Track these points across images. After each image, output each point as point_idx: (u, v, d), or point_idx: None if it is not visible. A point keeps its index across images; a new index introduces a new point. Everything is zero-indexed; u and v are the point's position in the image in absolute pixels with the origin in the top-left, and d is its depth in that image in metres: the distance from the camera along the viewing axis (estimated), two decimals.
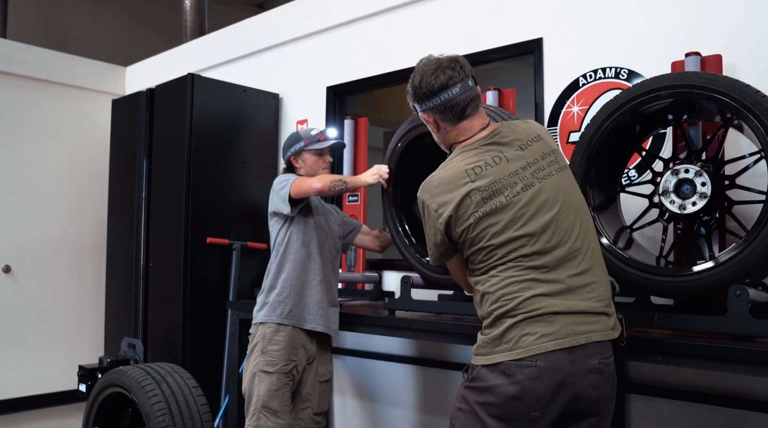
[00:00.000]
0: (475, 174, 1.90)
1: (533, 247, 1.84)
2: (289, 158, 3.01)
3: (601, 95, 2.97)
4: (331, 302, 2.94)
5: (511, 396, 1.78)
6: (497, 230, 1.86)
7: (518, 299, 1.82)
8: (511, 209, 1.86)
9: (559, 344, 1.76)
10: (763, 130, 2.04)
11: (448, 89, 1.97)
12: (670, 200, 2.29)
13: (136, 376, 3.01)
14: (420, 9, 3.73)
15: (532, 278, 1.83)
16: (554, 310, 1.79)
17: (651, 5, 2.87)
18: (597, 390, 1.81)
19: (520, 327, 1.80)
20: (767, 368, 1.85)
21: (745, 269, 2.00)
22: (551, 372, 1.76)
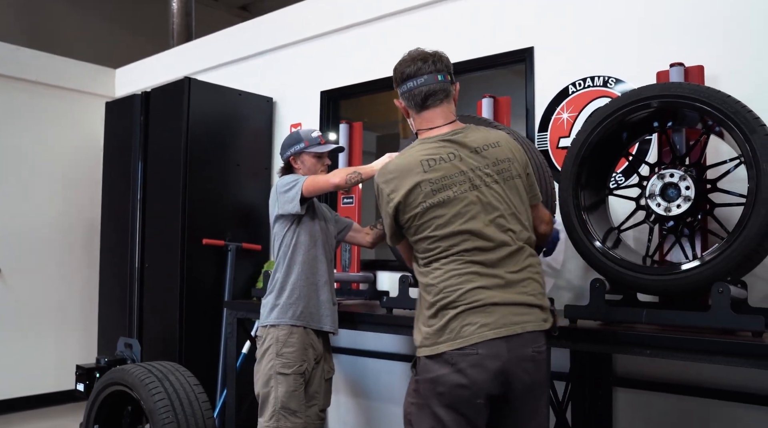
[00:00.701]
0: (429, 166, 2.01)
1: (475, 243, 1.95)
2: (289, 157, 3.04)
3: (590, 103, 3.11)
4: (334, 301, 3.03)
5: (456, 384, 1.88)
6: (442, 223, 1.97)
7: (460, 291, 1.92)
8: (457, 205, 1.97)
9: (498, 333, 1.87)
10: (743, 137, 2.18)
11: (413, 79, 2.10)
12: (657, 203, 2.42)
13: (139, 374, 3.07)
14: (415, 17, 3.85)
15: (473, 271, 1.94)
16: (493, 301, 1.90)
17: (637, 17, 3.02)
18: (530, 375, 1.92)
19: (461, 317, 1.90)
20: (747, 359, 1.99)
21: (727, 268, 2.14)
22: (491, 359, 1.86)
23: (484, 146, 2.05)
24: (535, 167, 2.69)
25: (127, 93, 5.75)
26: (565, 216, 2.55)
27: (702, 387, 2.73)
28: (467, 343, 1.87)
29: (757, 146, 2.14)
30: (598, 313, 2.38)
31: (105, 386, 3.22)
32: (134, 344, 3.84)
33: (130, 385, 3.08)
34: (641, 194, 2.50)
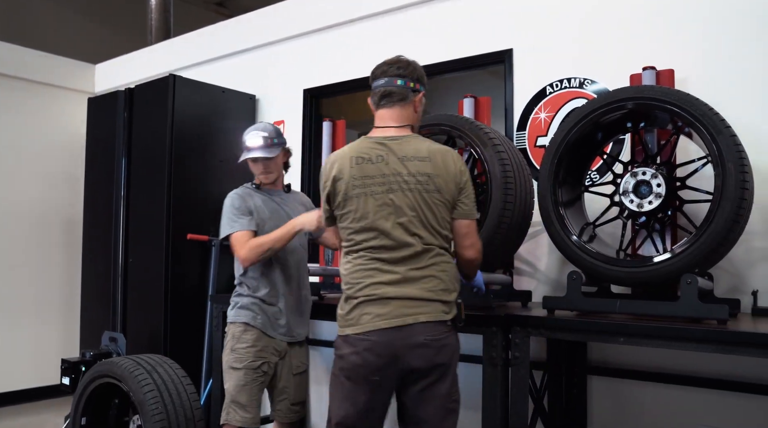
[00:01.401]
0: (356, 163, 2.21)
1: (382, 241, 2.17)
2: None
3: (567, 103, 3.25)
4: (298, 309, 2.97)
5: (355, 363, 2.15)
6: (356, 217, 2.19)
7: (361, 285, 2.17)
8: (371, 204, 2.17)
9: (390, 323, 2.13)
10: (710, 138, 2.33)
11: (378, 79, 2.32)
12: (630, 200, 2.56)
13: (128, 366, 3.12)
14: (397, 18, 3.95)
15: (375, 267, 2.17)
16: (388, 296, 2.14)
17: (612, 22, 3.16)
18: (425, 360, 2.14)
19: (360, 307, 2.16)
20: (714, 345, 2.13)
21: (695, 261, 2.28)
22: (383, 345, 2.12)
23: (411, 157, 2.21)
24: (515, 166, 2.83)
25: (107, 89, 5.76)
26: (544, 211, 2.68)
27: (671, 374, 2.88)
28: (363, 330, 2.15)
29: (722, 146, 2.28)
30: (574, 304, 2.51)
31: (93, 378, 3.27)
32: (119, 338, 3.88)
33: (119, 377, 3.13)
34: (615, 191, 2.63)
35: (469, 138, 2.86)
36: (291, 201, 3.08)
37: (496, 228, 2.75)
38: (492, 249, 2.82)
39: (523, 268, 3.35)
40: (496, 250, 2.87)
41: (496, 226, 2.75)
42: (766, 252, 2.71)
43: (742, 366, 2.71)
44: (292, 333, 2.96)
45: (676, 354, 2.86)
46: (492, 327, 2.56)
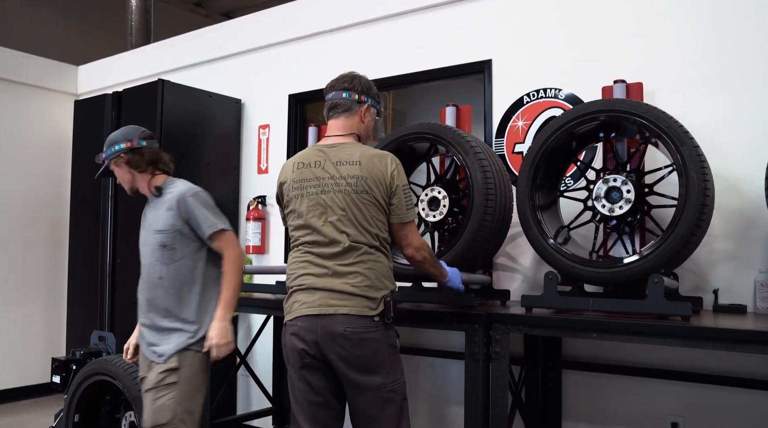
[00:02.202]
0: (297, 168, 2.46)
1: (314, 237, 2.39)
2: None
3: (543, 112, 3.43)
4: (148, 328, 2.72)
5: (287, 346, 2.40)
6: (295, 216, 2.44)
7: (294, 276, 2.42)
8: (306, 203, 2.41)
9: (312, 311, 2.33)
10: (675, 148, 2.52)
11: (327, 93, 2.55)
12: (602, 204, 2.74)
13: (122, 364, 3.22)
14: (380, 27, 4.10)
15: (308, 261, 2.39)
16: (315, 286, 2.35)
17: (585, 36, 3.35)
18: (346, 350, 2.29)
19: (293, 296, 2.40)
20: (678, 339, 2.32)
21: (661, 262, 2.47)
22: (306, 331, 2.33)
23: (344, 161, 2.40)
24: (495, 172, 2.99)
25: (90, 91, 5.82)
26: (522, 216, 2.85)
27: (638, 367, 3.08)
28: (293, 316, 2.38)
29: (686, 156, 2.48)
30: (551, 302, 2.68)
31: (87, 376, 3.35)
32: (109, 337, 3.96)
33: (113, 375, 3.22)
34: (588, 196, 2.82)
35: (452, 146, 3.02)
36: (156, 207, 2.84)
37: (477, 231, 2.91)
38: (474, 251, 2.99)
39: (501, 268, 3.53)
40: (478, 252, 3.03)
41: (477, 229, 2.91)
42: (726, 254, 2.92)
43: (704, 359, 2.91)
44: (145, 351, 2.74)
45: (643, 349, 3.06)
46: (474, 325, 2.72)
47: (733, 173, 2.87)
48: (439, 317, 2.84)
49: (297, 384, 2.41)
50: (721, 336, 2.24)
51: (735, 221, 2.89)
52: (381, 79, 4.01)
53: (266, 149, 4.59)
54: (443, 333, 3.67)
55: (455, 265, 2.94)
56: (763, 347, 2.17)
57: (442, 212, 3.19)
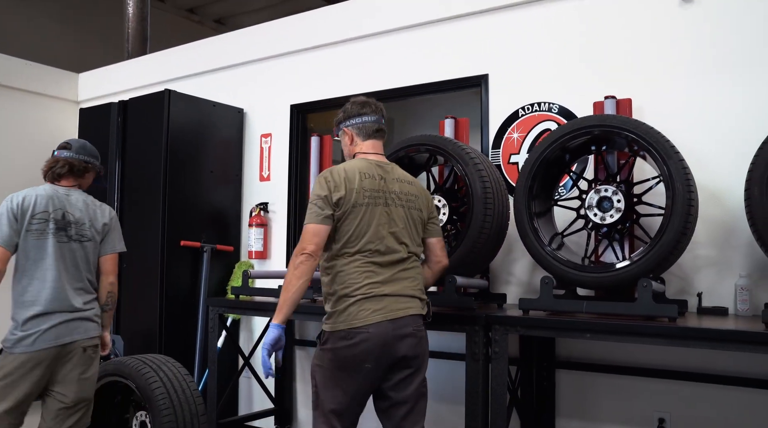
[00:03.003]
0: (365, 177, 2.60)
1: (377, 246, 2.55)
2: (88, 164, 3.23)
3: (537, 125, 3.61)
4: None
5: (350, 354, 2.48)
6: (358, 222, 2.54)
7: (357, 284, 2.50)
8: (373, 213, 2.57)
9: (385, 316, 2.50)
10: (662, 161, 2.71)
11: (367, 115, 2.75)
12: (594, 213, 2.93)
13: (135, 365, 3.35)
14: (382, 41, 4.26)
15: (370, 270, 2.53)
16: (383, 293, 2.52)
17: (578, 52, 3.54)
18: (410, 348, 2.54)
19: (357, 304, 2.49)
20: (666, 339, 2.51)
21: (649, 267, 2.66)
22: (378, 335, 2.47)
23: (401, 179, 2.71)
24: (493, 182, 3.17)
25: (90, 98, 5.93)
26: (519, 223, 3.03)
27: (628, 366, 3.26)
28: (362, 323, 2.48)
29: (672, 169, 2.66)
30: (547, 305, 2.86)
31: (101, 377, 3.46)
32: (117, 339, 4.07)
33: (126, 375, 3.35)
34: (581, 205, 3.00)
35: (452, 157, 3.20)
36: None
37: (476, 238, 3.09)
38: (473, 257, 3.16)
39: (497, 273, 3.70)
40: (477, 258, 3.21)
41: (476, 236, 3.08)
42: (709, 260, 3.12)
43: (690, 357, 3.10)
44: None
45: (632, 349, 3.25)
46: (474, 326, 2.89)
47: (716, 185, 3.06)
48: (442, 318, 3.00)
49: (353, 386, 2.52)
50: (704, 336, 2.43)
51: (717, 230, 3.08)
52: (382, 92, 4.21)
53: (268, 158, 4.74)
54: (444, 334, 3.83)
55: (456, 270, 3.12)
56: (743, 345, 2.36)
57: (442, 219, 3.36)
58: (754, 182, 2.51)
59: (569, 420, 3.45)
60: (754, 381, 2.95)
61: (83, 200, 3.14)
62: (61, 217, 3.02)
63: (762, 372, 2.94)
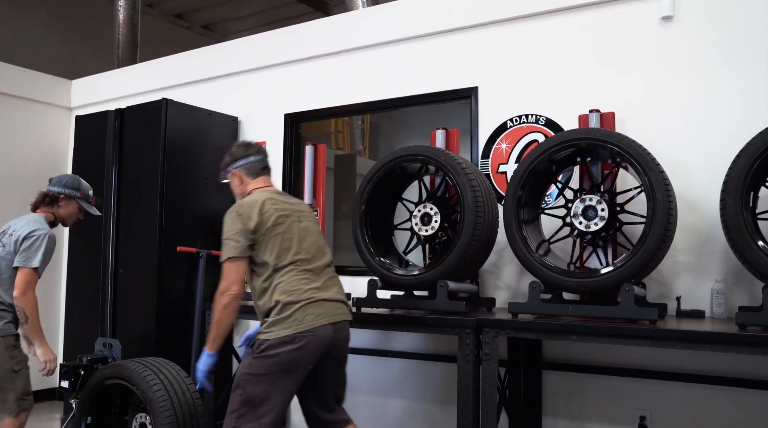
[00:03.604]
0: (274, 203, 2.87)
1: (305, 256, 2.83)
2: (60, 195, 3.54)
3: (525, 136, 3.77)
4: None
5: (296, 356, 2.69)
6: (285, 239, 2.80)
7: (300, 291, 2.74)
8: (296, 228, 2.86)
9: (329, 320, 2.77)
10: (643, 172, 2.87)
11: (253, 155, 3.06)
12: (579, 221, 3.08)
13: (136, 368, 3.43)
14: (375, 53, 4.41)
15: (306, 277, 2.80)
16: (323, 298, 2.78)
17: (563, 67, 3.71)
18: (346, 347, 2.91)
19: (302, 309, 2.71)
20: (647, 341, 2.67)
21: (632, 272, 2.82)
22: (323, 337, 2.74)
23: (296, 202, 3.05)
24: (483, 191, 3.32)
25: (83, 104, 6.01)
26: (509, 231, 3.17)
27: (611, 367, 3.43)
28: (308, 327, 2.71)
29: (653, 180, 2.83)
30: (535, 308, 3.02)
31: (102, 380, 3.55)
32: (114, 343, 4.14)
33: (128, 378, 3.43)
34: (567, 214, 3.16)
35: (444, 167, 3.35)
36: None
37: (468, 245, 3.23)
38: (464, 263, 3.31)
39: (486, 278, 3.85)
40: (468, 264, 3.36)
41: (468, 243, 3.23)
42: (688, 265, 3.29)
43: (670, 358, 3.27)
44: None
45: (614, 350, 3.41)
46: (466, 329, 3.03)
47: (693, 195, 3.24)
48: (435, 322, 3.14)
49: (291, 386, 2.76)
50: (683, 337, 2.60)
51: (695, 237, 3.26)
52: (375, 102, 4.36)
53: None
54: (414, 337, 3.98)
55: (448, 276, 3.27)
56: (718, 346, 2.53)
57: (434, 226, 3.50)
58: (728, 193, 2.68)
59: (555, 419, 3.60)
60: (730, 380, 3.13)
61: (26, 218, 3.47)
62: (1, 232, 3.46)
63: (737, 372, 3.11)
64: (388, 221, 3.81)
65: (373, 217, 3.67)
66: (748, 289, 3.11)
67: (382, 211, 3.76)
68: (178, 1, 10.92)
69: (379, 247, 3.66)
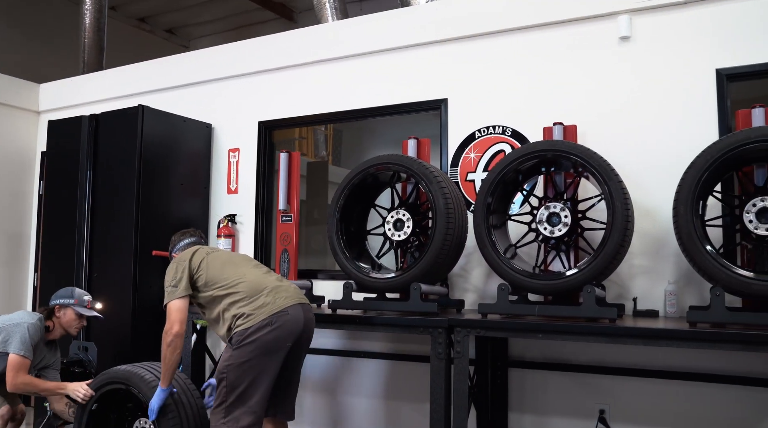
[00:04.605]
0: (203, 252, 3.35)
1: (250, 269, 3.30)
2: (55, 306, 3.86)
3: (492, 146, 3.98)
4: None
5: (275, 336, 3.01)
6: (220, 266, 3.25)
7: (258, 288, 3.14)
8: (227, 259, 3.35)
9: (296, 300, 3.17)
10: (603, 181, 3.10)
11: (188, 237, 3.62)
12: (544, 227, 3.29)
13: (139, 373, 3.43)
14: (348, 64, 4.57)
15: (264, 273, 3.32)
16: (283, 287, 3.20)
17: (529, 82, 3.93)
18: (311, 332, 3.26)
19: (269, 295, 3.09)
20: (607, 338, 2.89)
21: (594, 274, 3.04)
22: (296, 316, 3.10)
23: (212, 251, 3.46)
24: (454, 199, 3.50)
25: (52, 108, 6.01)
26: (479, 236, 3.36)
27: (572, 364, 3.65)
28: (280, 307, 3.06)
29: (612, 189, 3.06)
30: (504, 309, 3.21)
31: (103, 384, 3.54)
32: (90, 347, 4.18)
33: (132, 383, 3.43)
34: (533, 220, 3.36)
35: (417, 176, 3.52)
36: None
37: (439, 250, 3.41)
38: (436, 267, 3.49)
39: (455, 281, 4.03)
40: (439, 268, 3.53)
41: (440, 248, 3.40)
42: (643, 268, 3.53)
43: (626, 354, 3.50)
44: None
45: (576, 348, 3.63)
46: (438, 329, 3.20)
47: (649, 203, 3.48)
48: (409, 322, 3.31)
49: (272, 367, 3.03)
50: (641, 334, 2.83)
51: (649, 242, 3.51)
52: (348, 111, 4.52)
53: (236, 171, 4.95)
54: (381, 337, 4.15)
55: (420, 279, 3.44)
56: (671, 342, 2.77)
57: (406, 232, 3.66)
58: (680, 202, 2.92)
59: (520, 414, 3.80)
60: (682, 374, 3.38)
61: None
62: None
63: (689, 366, 3.37)
64: (362, 227, 3.97)
65: (347, 222, 3.83)
66: (698, 290, 3.36)
67: (356, 216, 3.91)
68: (142, 5, 10.86)
69: (353, 251, 3.81)
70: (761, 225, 2.82)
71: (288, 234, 4.39)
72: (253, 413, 3.03)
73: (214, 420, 3.07)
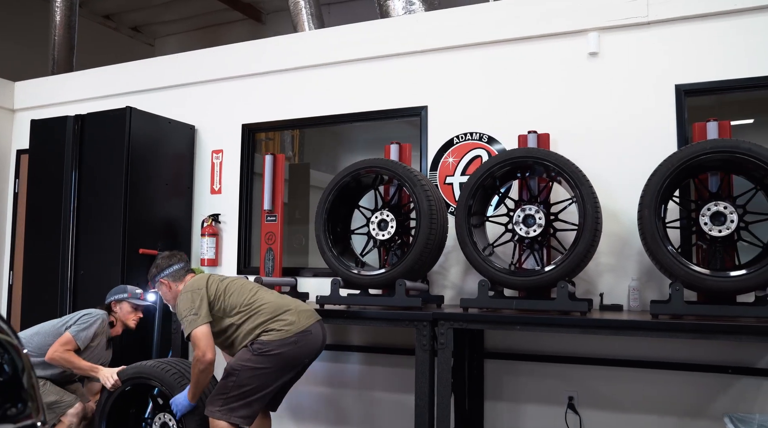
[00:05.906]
0: (212, 280, 3.45)
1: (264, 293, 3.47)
2: (111, 302, 4.10)
3: (469, 151, 4.23)
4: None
5: (295, 353, 3.26)
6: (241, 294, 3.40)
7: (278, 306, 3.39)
8: (240, 285, 3.47)
9: (315, 319, 3.41)
10: (575, 185, 3.38)
11: (177, 263, 3.60)
12: (520, 228, 3.56)
13: (162, 368, 3.61)
14: (329, 70, 4.76)
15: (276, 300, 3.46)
16: (300, 308, 3.40)
17: (505, 91, 4.19)
18: (323, 347, 3.45)
19: (289, 315, 3.30)
20: (579, 329, 3.18)
21: (565, 272, 3.32)
22: (317, 334, 3.37)
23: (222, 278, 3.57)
24: (436, 201, 3.74)
25: (27, 107, 6.04)
26: (460, 235, 3.61)
27: (544, 354, 3.93)
28: (303, 327, 3.31)
29: (583, 193, 3.35)
30: (484, 303, 3.46)
31: (127, 379, 3.67)
32: None
33: (156, 378, 3.59)
34: (509, 221, 3.63)
35: (402, 179, 3.75)
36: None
37: (423, 249, 3.65)
38: (419, 265, 3.72)
39: (434, 278, 4.28)
40: (422, 265, 3.77)
41: (423, 247, 3.64)
42: (610, 266, 3.84)
43: (594, 345, 3.80)
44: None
45: (547, 340, 3.91)
46: (423, 322, 3.44)
47: (615, 206, 3.78)
48: (396, 316, 3.54)
49: (285, 379, 3.30)
50: (609, 325, 3.13)
51: (615, 242, 3.81)
52: (328, 117, 4.73)
53: (219, 172, 5.09)
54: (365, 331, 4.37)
55: (405, 276, 3.66)
56: (635, 332, 3.09)
57: (390, 231, 3.88)
58: (645, 205, 3.22)
59: (495, 402, 4.07)
60: (645, 363, 3.69)
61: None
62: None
63: (651, 355, 3.68)
64: (346, 226, 4.18)
65: (333, 222, 4.03)
66: (658, 286, 3.68)
67: (341, 217, 4.12)
68: (107, 2, 10.79)
69: (338, 249, 4.01)
70: (714, 227, 3.15)
71: (273, 233, 4.57)
72: (250, 409, 3.25)
73: (210, 405, 3.26)
